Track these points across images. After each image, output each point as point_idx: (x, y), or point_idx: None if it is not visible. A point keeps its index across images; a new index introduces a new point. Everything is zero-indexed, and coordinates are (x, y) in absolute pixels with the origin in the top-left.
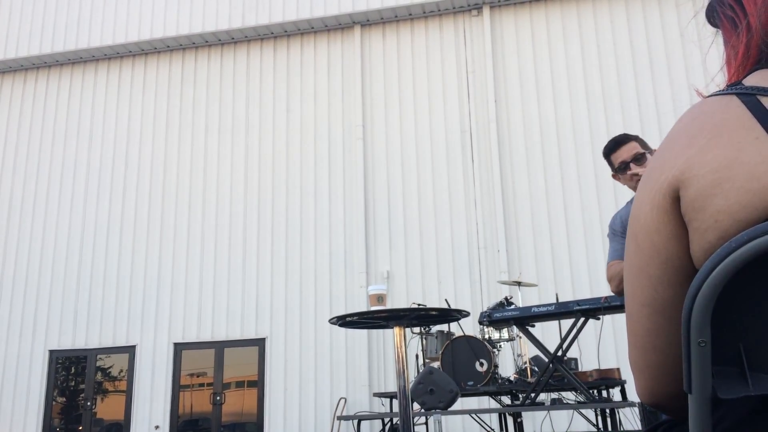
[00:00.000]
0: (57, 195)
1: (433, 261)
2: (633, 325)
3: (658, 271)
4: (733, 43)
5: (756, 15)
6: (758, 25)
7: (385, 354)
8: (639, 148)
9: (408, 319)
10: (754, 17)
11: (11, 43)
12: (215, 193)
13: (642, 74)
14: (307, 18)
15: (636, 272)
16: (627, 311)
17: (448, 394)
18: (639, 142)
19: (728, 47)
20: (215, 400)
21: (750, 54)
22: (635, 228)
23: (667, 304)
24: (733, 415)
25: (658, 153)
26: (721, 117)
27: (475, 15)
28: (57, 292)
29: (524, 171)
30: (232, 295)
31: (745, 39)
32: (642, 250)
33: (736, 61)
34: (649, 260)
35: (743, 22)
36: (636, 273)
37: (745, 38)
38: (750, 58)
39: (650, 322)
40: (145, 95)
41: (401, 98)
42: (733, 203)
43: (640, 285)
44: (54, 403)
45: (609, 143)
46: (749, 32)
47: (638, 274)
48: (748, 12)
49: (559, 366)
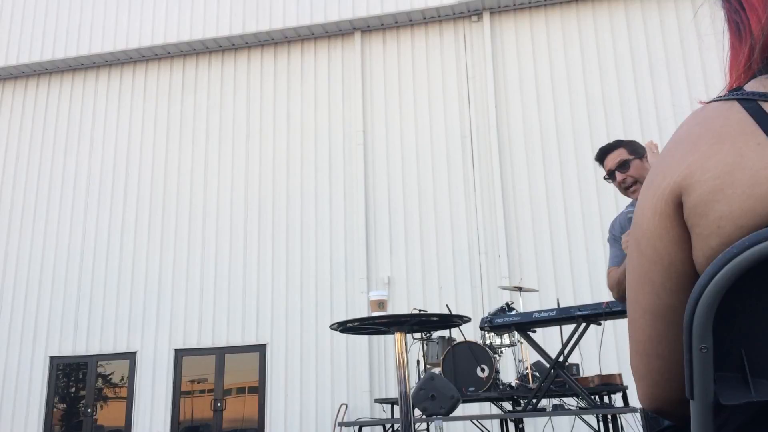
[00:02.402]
0: (57, 201)
1: (434, 266)
2: (635, 332)
3: (660, 278)
4: (736, 48)
5: (758, 21)
6: (761, 31)
7: (386, 360)
8: (625, 154)
9: (409, 324)
10: (757, 23)
11: (12, 49)
12: (216, 199)
13: (642, 79)
14: (308, 24)
15: (638, 278)
16: (629, 317)
17: (450, 400)
18: (627, 147)
19: (731, 51)
20: (216, 407)
21: (752, 61)
22: (637, 234)
23: (670, 310)
24: (735, 421)
25: (660, 159)
26: (722, 122)
27: (475, 20)
28: (57, 298)
29: (525, 176)
30: (232, 301)
31: (748, 45)
32: (644, 256)
33: (738, 67)
34: (651, 266)
35: (746, 27)
36: (638, 279)
37: (747, 44)
38: (753, 64)
39: (652, 329)
40: (146, 101)
41: (401, 104)
42: (736, 209)
43: (642, 291)
44: (55, 410)
45: (597, 152)
46: (752, 38)
47: (640, 280)
48: (751, 18)
49: (561, 371)
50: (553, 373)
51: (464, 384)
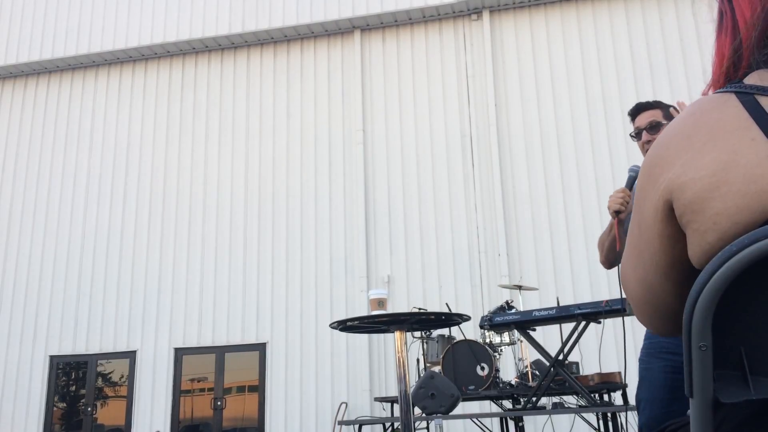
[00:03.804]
0: (57, 200)
1: (434, 265)
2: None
3: (654, 257)
4: (720, 43)
5: (743, 17)
6: (746, 29)
7: (386, 358)
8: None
9: (409, 323)
10: (743, 19)
11: (11, 48)
12: (215, 198)
13: (642, 77)
14: (307, 23)
15: (636, 252)
16: (623, 277)
17: (450, 398)
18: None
19: (717, 43)
20: (216, 405)
21: (738, 58)
22: (638, 217)
23: (658, 288)
24: (734, 419)
25: (657, 147)
26: (717, 116)
27: (474, 19)
28: (57, 297)
29: (524, 174)
30: (232, 300)
31: (730, 41)
32: (642, 237)
33: (720, 64)
34: (646, 246)
35: (730, 22)
36: (636, 253)
37: (730, 40)
38: (740, 61)
39: (642, 290)
40: (146, 100)
41: (401, 102)
42: (731, 206)
43: (640, 263)
44: (55, 409)
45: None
46: (735, 34)
47: (638, 254)
48: (737, 12)
49: (561, 370)
50: (552, 372)
51: (464, 382)
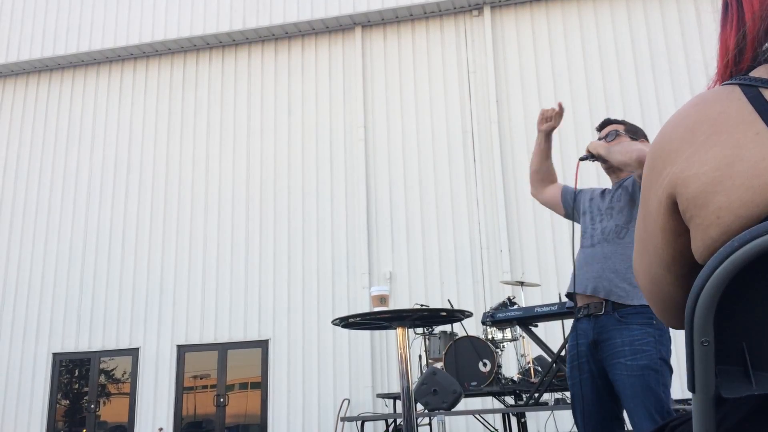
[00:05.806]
0: (59, 197)
1: (436, 261)
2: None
3: (657, 249)
4: (725, 35)
5: (751, 8)
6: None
7: (388, 355)
8: (621, 129)
9: (411, 319)
10: (750, 10)
11: (12, 46)
12: (217, 195)
13: (644, 72)
14: (308, 19)
15: (642, 245)
16: (634, 270)
17: (452, 394)
18: (626, 126)
19: (721, 35)
20: (219, 402)
21: (742, 51)
22: (643, 211)
23: (662, 281)
24: (736, 414)
25: (659, 139)
26: (720, 109)
27: (476, 15)
28: (60, 295)
29: (526, 170)
30: (234, 297)
31: (735, 34)
32: (647, 230)
33: (724, 56)
34: (650, 239)
35: (736, 14)
36: (642, 246)
37: (735, 33)
38: (745, 53)
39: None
40: (147, 98)
41: (402, 99)
42: (734, 200)
43: (645, 256)
44: (58, 406)
45: (601, 122)
46: (741, 27)
47: (643, 247)
48: (744, 4)
49: (563, 366)
50: (555, 368)
51: (466, 379)
